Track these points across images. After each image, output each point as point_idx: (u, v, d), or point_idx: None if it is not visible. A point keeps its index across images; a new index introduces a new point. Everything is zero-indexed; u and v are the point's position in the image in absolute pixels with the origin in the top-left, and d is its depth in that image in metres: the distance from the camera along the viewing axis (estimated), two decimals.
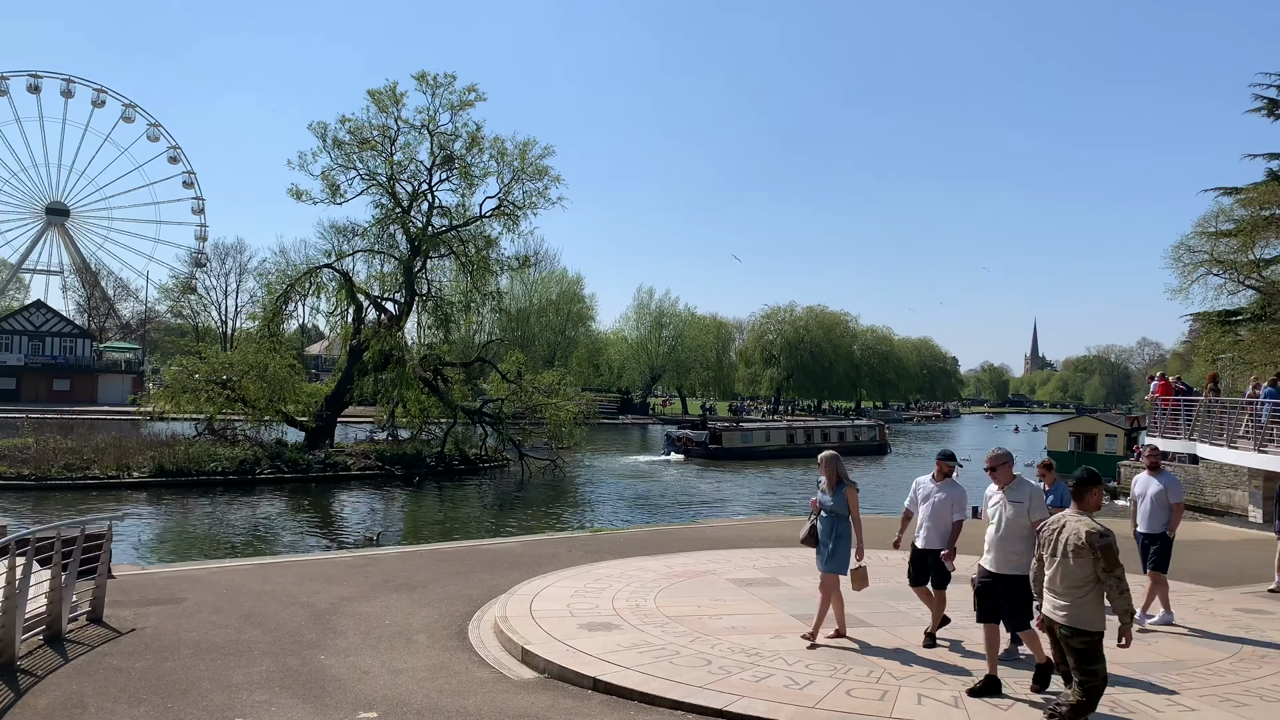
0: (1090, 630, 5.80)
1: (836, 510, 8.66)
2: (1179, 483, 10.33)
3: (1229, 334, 39.38)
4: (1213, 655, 8.74)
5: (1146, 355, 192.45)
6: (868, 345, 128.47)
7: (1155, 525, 10.25)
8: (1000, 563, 7.25)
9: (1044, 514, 7.15)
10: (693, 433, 54.61)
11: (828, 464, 8.83)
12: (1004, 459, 7.55)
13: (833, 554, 8.61)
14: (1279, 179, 36.74)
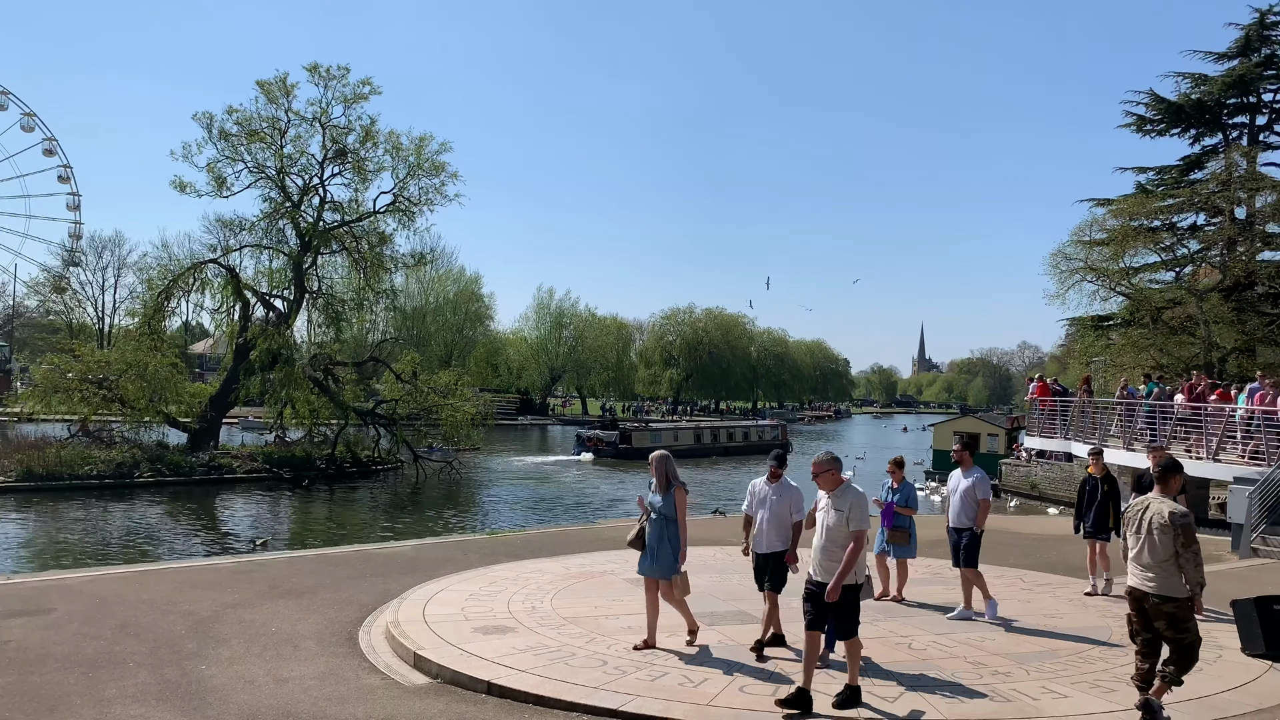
0: (1177, 596, 6.65)
1: (665, 512, 8.39)
2: (986, 479, 10.37)
3: (1101, 338, 41.46)
4: (1084, 644, 9.17)
5: (1026, 358, 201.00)
6: (764, 347, 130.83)
7: (964, 520, 10.25)
8: (825, 571, 6.95)
9: (864, 524, 6.94)
10: (603, 433, 54.92)
11: (658, 464, 8.58)
12: (827, 465, 7.17)
13: (658, 558, 8.38)
14: (1147, 192, 38.86)
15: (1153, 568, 6.73)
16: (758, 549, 8.50)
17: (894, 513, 10.80)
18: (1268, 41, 36.88)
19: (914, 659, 8.44)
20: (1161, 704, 6.73)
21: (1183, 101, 38.23)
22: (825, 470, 7.15)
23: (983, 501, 10.21)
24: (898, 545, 10.83)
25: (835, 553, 6.91)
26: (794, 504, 8.42)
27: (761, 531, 8.45)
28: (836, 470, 7.14)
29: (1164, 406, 22.57)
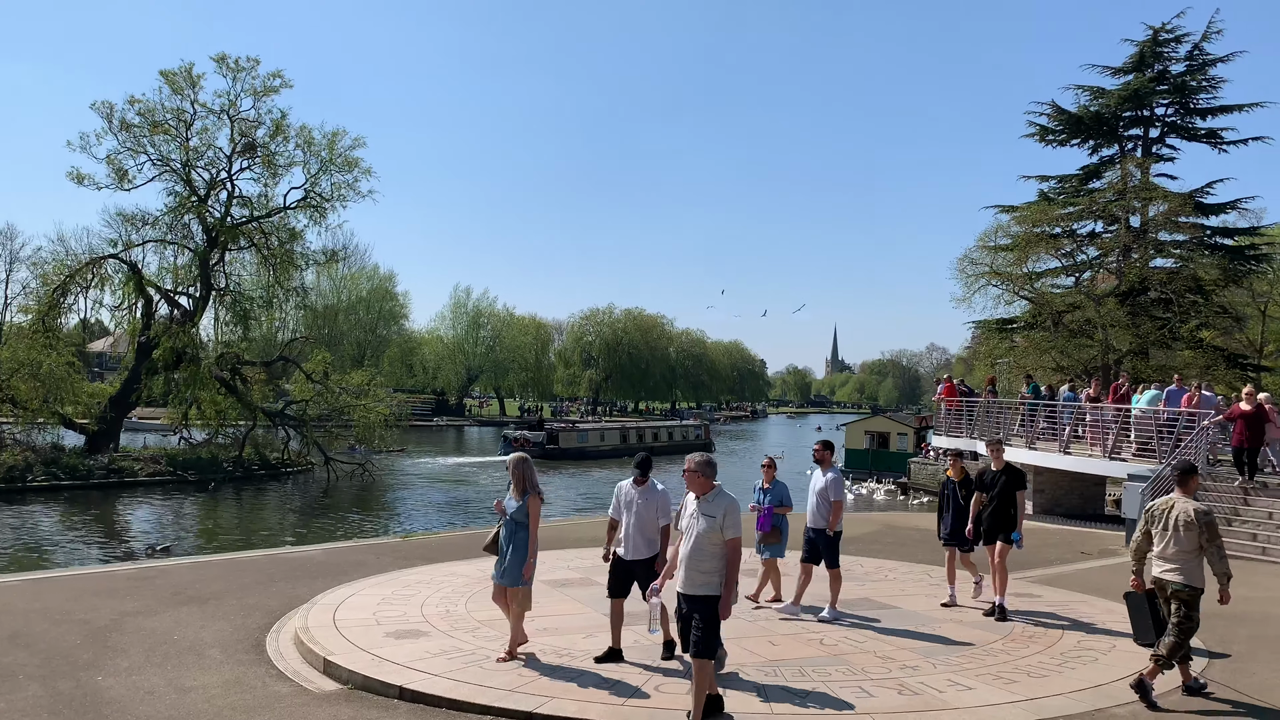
0: (1197, 586, 7.44)
1: (517, 518, 8.04)
2: (841, 480, 10.36)
3: (1005, 340, 42.87)
4: (989, 637, 9.47)
5: (934, 359, 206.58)
6: (683, 348, 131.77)
7: (818, 521, 10.20)
8: (690, 582, 6.38)
9: (738, 531, 6.36)
10: (529, 433, 55.02)
11: (516, 467, 8.19)
12: (702, 466, 6.56)
13: (508, 565, 8.03)
14: (1049, 199, 40.30)
15: (1177, 560, 7.51)
16: (624, 555, 8.07)
17: (770, 515, 10.43)
18: (1160, 58, 38.63)
19: (826, 654, 8.59)
20: (1153, 684, 7.38)
21: (1082, 113, 39.77)
22: (699, 472, 6.54)
23: (835, 503, 10.12)
24: (771, 544, 10.56)
25: (704, 562, 6.34)
26: (661, 508, 8.07)
27: (628, 537, 8.04)
28: (711, 473, 6.59)
29: (1063, 407, 23.42)
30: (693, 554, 6.39)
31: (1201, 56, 38.26)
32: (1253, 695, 7.64)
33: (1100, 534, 18.96)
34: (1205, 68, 38.32)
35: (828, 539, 10.15)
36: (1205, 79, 38.37)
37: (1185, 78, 38.45)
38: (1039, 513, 23.46)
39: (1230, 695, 7.65)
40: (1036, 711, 7.06)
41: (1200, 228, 38.04)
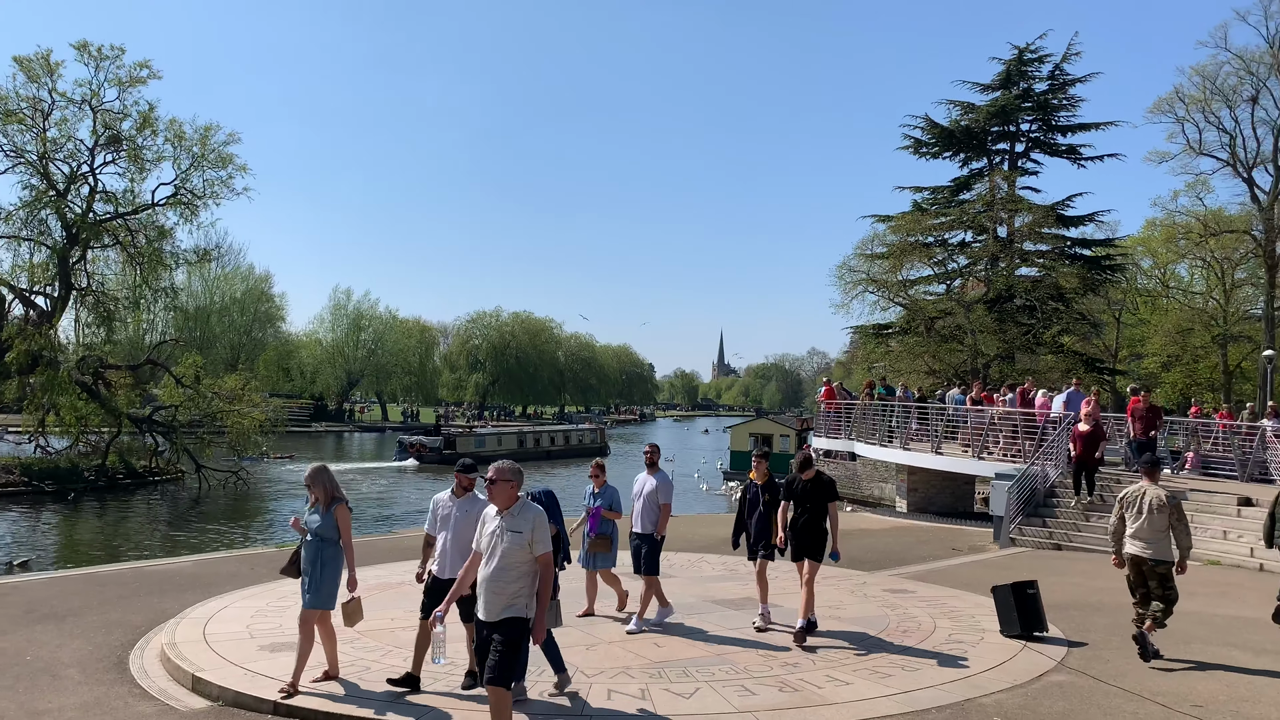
0: (1167, 560, 8.62)
1: (324, 533, 7.32)
2: (670, 483, 9.96)
3: (882, 345, 44.37)
4: (865, 633, 9.75)
5: (815, 363, 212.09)
6: (571, 352, 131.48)
7: (645, 526, 9.78)
8: (494, 607, 5.70)
9: (548, 546, 5.75)
10: (426, 439, 54.00)
11: (316, 477, 7.43)
12: (508, 475, 5.87)
13: (318, 585, 7.29)
14: (922, 210, 41.94)
15: (1150, 539, 8.65)
16: (440, 574, 7.28)
17: (599, 518, 9.90)
18: (1025, 76, 40.71)
19: (711, 654, 8.70)
20: (1151, 639, 8.58)
21: (953, 127, 41.54)
22: (505, 481, 5.84)
23: (663, 506, 9.75)
24: (600, 555, 9.91)
25: (510, 584, 5.68)
26: None
27: (444, 554, 7.30)
28: (517, 483, 5.96)
29: (954, 410, 24.33)
30: (496, 576, 5.70)
31: (1062, 76, 40.54)
32: (1108, 680, 8.08)
33: (970, 531, 19.79)
34: (1065, 87, 40.62)
35: (653, 543, 9.72)
36: (1065, 98, 40.67)
37: (1048, 96, 40.64)
38: (913, 511, 24.37)
39: (1087, 683, 8.07)
40: (910, 704, 7.30)
41: (1061, 238, 40.24)
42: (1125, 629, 10.15)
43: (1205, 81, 44.86)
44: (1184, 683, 8.05)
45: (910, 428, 24.80)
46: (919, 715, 7.05)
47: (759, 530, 9.74)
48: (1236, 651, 9.21)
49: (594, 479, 10.14)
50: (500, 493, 5.83)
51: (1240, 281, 50.43)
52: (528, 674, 7.25)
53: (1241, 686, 7.99)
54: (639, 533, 9.80)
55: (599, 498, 9.99)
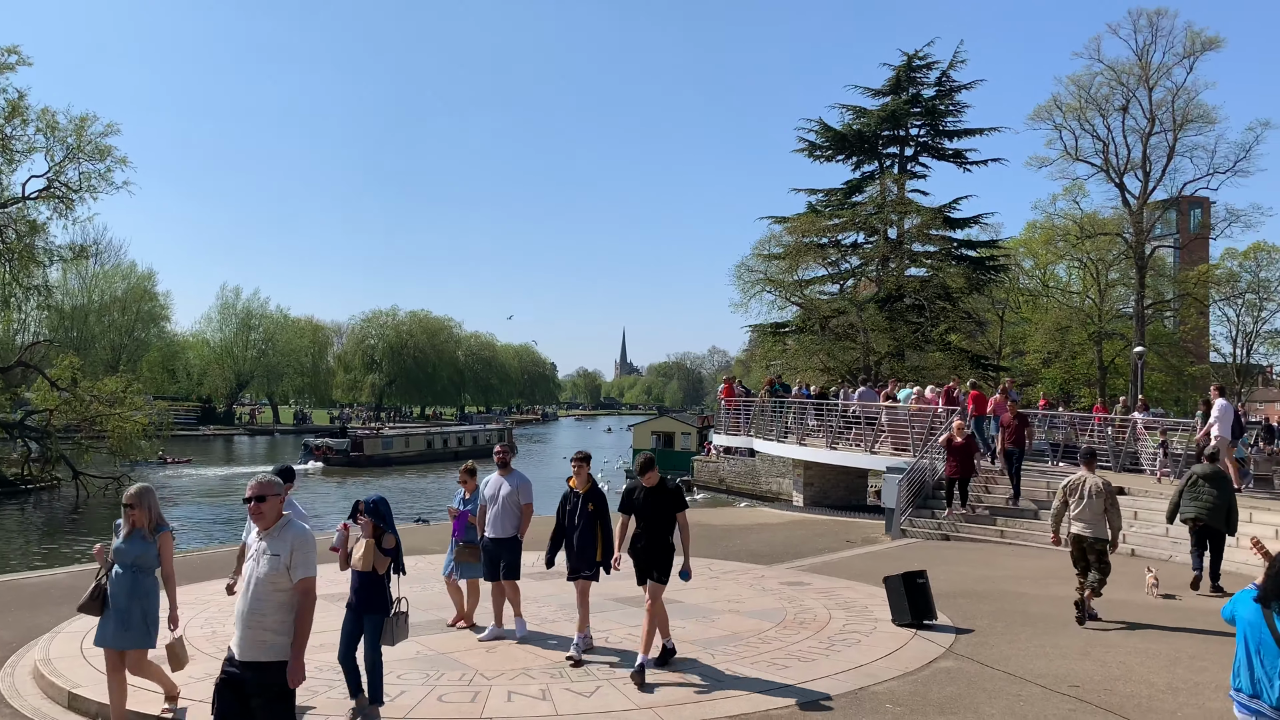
0: (1104, 538, 9.95)
1: (143, 563, 6.47)
2: (529, 482, 9.34)
3: (779, 343, 45.20)
4: (763, 626, 9.92)
5: (716, 361, 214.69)
6: (472, 351, 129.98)
7: (506, 529, 9.09)
8: (251, 645, 4.67)
9: (310, 570, 4.75)
10: (332, 440, 52.81)
11: (141, 498, 6.61)
12: (270, 488, 4.88)
13: (132, 621, 6.44)
14: (817, 211, 42.87)
15: (1090, 520, 9.95)
16: None
17: (467, 524, 9.44)
18: (914, 82, 42.04)
19: (612, 651, 8.71)
20: (1091, 606, 10.04)
21: (846, 131, 42.57)
22: (274, 497, 4.88)
23: (525, 507, 9.17)
24: (467, 565, 9.45)
25: (267, 617, 4.67)
26: None
27: None
28: (284, 498, 5.07)
29: (828, 405, 24.95)
30: (253, 608, 4.68)
31: (948, 83, 42.01)
32: (993, 665, 8.42)
33: (863, 523, 20.32)
34: (952, 93, 42.10)
35: (514, 548, 9.11)
36: (952, 103, 42.15)
37: (935, 102, 42.05)
38: (809, 504, 24.90)
39: (973, 668, 8.39)
40: (806, 694, 7.46)
41: (948, 240, 41.70)
42: (1009, 615, 10.60)
43: (1080, 91, 47.26)
44: (1062, 665, 8.45)
45: (808, 424, 25.33)
46: (815, 705, 7.21)
47: (581, 546, 8.48)
48: (1110, 633, 9.70)
49: (463, 484, 9.66)
50: (269, 510, 4.85)
51: (1113, 281, 53.20)
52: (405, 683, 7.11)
53: (1114, 666, 8.42)
54: (497, 538, 9.06)
55: (469, 503, 9.52)
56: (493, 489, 9.23)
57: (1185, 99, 45.80)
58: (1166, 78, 46.08)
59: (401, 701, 7.14)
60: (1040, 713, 7.08)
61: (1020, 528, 17.30)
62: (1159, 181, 47.87)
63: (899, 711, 7.08)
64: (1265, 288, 58.48)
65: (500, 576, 9.09)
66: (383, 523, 6.99)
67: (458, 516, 9.55)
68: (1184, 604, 11.27)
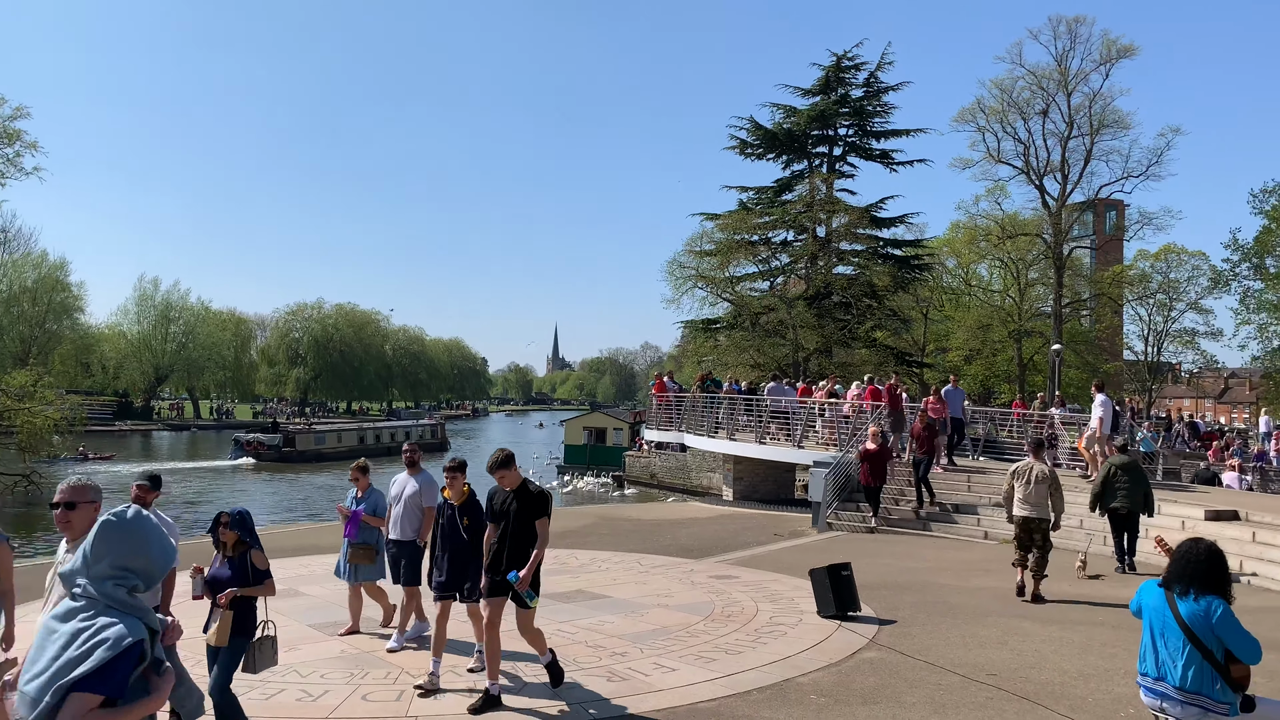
0: (1046, 518, 11.07)
1: None
2: (434, 483, 8.69)
3: (710, 339, 45.53)
4: (691, 619, 9.98)
5: (648, 357, 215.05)
6: (400, 345, 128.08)
7: (406, 532, 8.68)
8: None
9: None
10: (264, 436, 51.68)
11: None
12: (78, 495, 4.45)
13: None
14: (747, 209, 43.27)
15: (1036, 503, 11.01)
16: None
17: (359, 524, 9.07)
18: (842, 83, 42.64)
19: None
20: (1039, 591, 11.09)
21: (776, 130, 43.02)
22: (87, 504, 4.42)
23: (427, 510, 8.63)
24: (363, 566, 9.09)
25: None
26: None
27: None
28: (99, 504, 4.49)
29: (755, 400, 25.23)
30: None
31: (876, 84, 42.71)
32: (915, 655, 8.60)
33: (791, 516, 20.58)
34: (879, 94, 42.81)
35: (414, 551, 8.68)
36: (879, 104, 42.87)
37: (863, 102, 42.72)
38: (739, 498, 25.14)
39: (895, 658, 8.56)
40: (732, 687, 7.53)
41: (875, 239, 42.45)
42: (930, 606, 10.84)
43: (1003, 94, 48.46)
44: (980, 654, 8.67)
45: (738, 419, 25.56)
46: (741, 697, 7.28)
47: (450, 562, 7.67)
48: (1026, 623, 9.98)
49: (355, 481, 9.21)
50: (79, 520, 4.34)
51: (1033, 280, 54.74)
52: None
53: (1029, 654, 8.68)
54: (398, 539, 8.71)
55: (361, 502, 9.12)
56: (397, 489, 8.82)
57: (1101, 105, 47.35)
58: (1084, 83, 47.55)
59: (325, 702, 7.02)
60: (959, 701, 7.25)
61: (944, 521, 17.72)
62: (1077, 184, 49.40)
63: (823, 702, 7.19)
64: (1175, 288, 60.76)
65: (398, 580, 8.71)
66: (248, 537, 6.17)
67: (349, 516, 9.10)
68: (1100, 591, 11.65)
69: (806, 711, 6.96)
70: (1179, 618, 4.87)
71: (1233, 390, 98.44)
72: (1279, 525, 13.72)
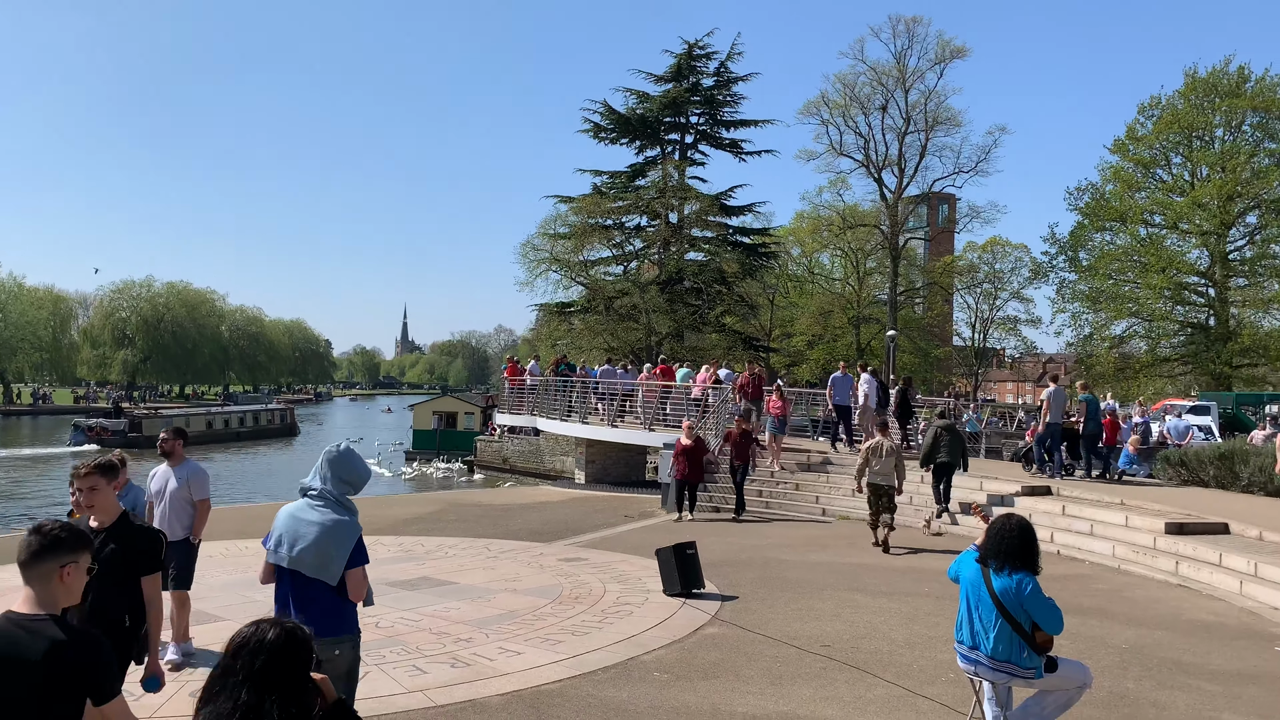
0: (894, 485, 13.48)
1: None
2: (204, 474, 7.89)
3: (565, 323, 45.55)
4: (539, 602, 9.99)
5: (502, 340, 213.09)
6: (237, 326, 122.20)
7: (175, 531, 7.58)
8: None
9: None
10: (108, 421, 48.42)
11: None
12: None
13: None
14: (601, 193, 43.43)
15: (885, 473, 13.36)
16: None
17: None
18: (694, 71, 43.29)
19: (381, 636, 8.49)
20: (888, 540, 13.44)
21: (630, 115, 43.32)
22: None
23: (201, 504, 7.78)
24: None
25: None
26: None
27: None
28: None
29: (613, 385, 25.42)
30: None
31: (726, 74, 43.59)
32: (754, 629, 8.89)
33: (641, 498, 20.85)
34: (729, 84, 43.73)
35: (185, 550, 7.72)
36: (729, 94, 43.81)
37: (714, 91, 43.52)
38: (591, 481, 25.30)
39: (736, 633, 8.83)
40: (578, 667, 7.59)
41: (724, 226, 43.43)
42: (771, 582, 11.22)
43: (846, 89, 50.45)
44: (816, 626, 9.05)
45: (590, 403, 25.68)
46: (586, 678, 7.35)
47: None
48: (859, 595, 10.48)
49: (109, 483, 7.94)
50: None
51: (871, 270, 57.33)
52: None
53: (861, 625, 9.12)
54: (168, 540, 7.40)
55: (124, 496, 7.81)
56: (159, 483, 7.79)
57: (936, 102, 49.97)
58: (920, 81, 50.05)
59: (147, 701, 6.65)
60: (794, 672, 7.55)
61: (785, 500, 18.34)
62: (912, 178, 52.01)
63: (666, 679, 7.34)
64: (999, 278, 64.87)
65: (171, 585, 7.48)
66: None
67: None
68: (924, 565, 12.35)
69: (650, 689, 7.10)
70: (992, 592, 5.25)
71: (1059, 374, 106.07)
72: (1086, 499, 14.89)
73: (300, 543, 4.43)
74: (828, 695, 7.00)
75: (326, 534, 4.42)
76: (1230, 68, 41.24)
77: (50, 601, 2.96)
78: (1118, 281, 43.44)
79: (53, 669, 2.72)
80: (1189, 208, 41.29)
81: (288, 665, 2.52)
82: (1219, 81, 41.08)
